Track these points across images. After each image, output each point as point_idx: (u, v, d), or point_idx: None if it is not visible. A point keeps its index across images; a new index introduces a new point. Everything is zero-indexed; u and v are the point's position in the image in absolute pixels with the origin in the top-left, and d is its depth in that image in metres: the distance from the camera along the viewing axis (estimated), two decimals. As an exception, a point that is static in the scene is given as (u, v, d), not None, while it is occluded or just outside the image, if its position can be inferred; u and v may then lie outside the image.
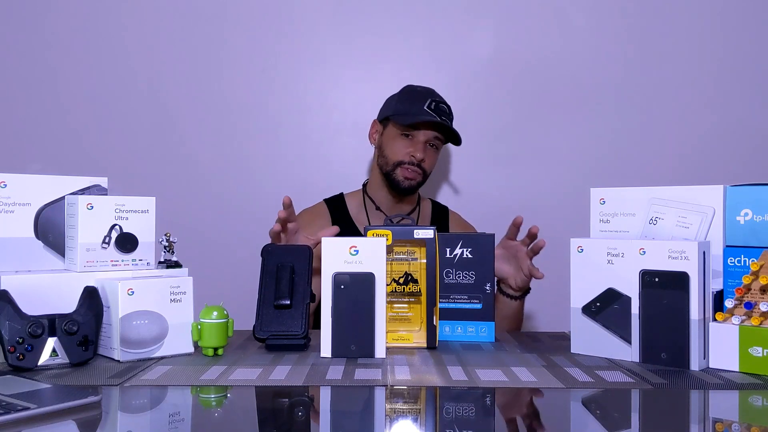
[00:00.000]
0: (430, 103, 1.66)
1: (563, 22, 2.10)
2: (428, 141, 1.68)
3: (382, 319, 1.09)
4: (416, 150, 1.66)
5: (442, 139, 1.71)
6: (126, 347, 1.05)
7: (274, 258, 1.20)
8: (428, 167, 1.70)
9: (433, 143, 1.69)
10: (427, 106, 1.65)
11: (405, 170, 1.67)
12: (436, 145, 1.71)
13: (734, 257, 1.04)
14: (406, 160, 1.67)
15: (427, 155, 1.68)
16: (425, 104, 1.65)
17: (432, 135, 1.68)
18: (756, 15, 2.09)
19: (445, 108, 1.68)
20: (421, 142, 1.67)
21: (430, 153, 1.70)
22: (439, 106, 1.67)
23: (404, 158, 1.67)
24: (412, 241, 1.20)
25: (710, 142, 2.08)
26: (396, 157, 1.68)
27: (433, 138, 1.68)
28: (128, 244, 1.15)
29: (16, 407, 0.76)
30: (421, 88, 1.72)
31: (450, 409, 0.86)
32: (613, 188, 1.18)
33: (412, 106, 1.66)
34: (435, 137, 1.68)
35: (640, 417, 0.84)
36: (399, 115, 1.67)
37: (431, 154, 1.70)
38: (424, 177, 1.71)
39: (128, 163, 2.08)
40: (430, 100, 1.66)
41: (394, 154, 1.69)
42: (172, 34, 2.10)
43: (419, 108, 1.65)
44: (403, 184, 1.68)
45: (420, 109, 1.65)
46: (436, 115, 1.64)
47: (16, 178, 1.13)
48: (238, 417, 0.85)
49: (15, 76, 2.10)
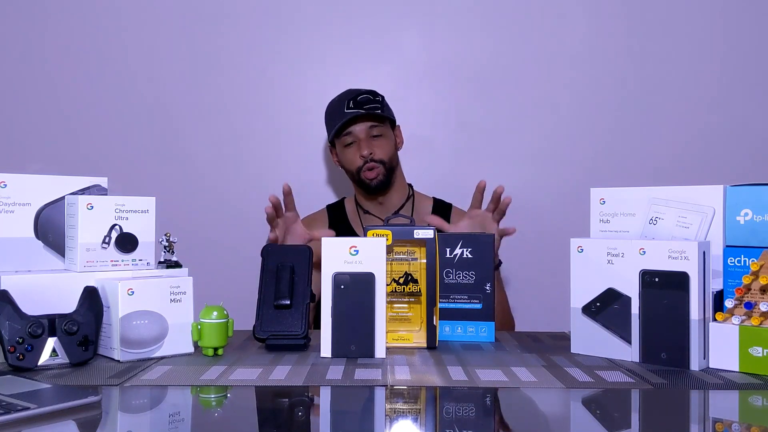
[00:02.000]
0: (347, 103, 1.69)
1: (564, 22, 2.10)
2: (367, 135, 1.70)
3: (382, 319, 1.09)
4: (361, 149, 1.69)
5: (381, 125, 1.72)
6: (126, 347, 1.05)
7: (274, 258, 1.20)
8: (383, 156, 1.71)
9: (374, 133, 1.71)
10: (347, 107, 1.69)
11: (365, 172, 1.70)
12: (378, 133, 1.71)
13: (734, 257, 1.04)
14: (359, 163, 1.70)
15: (374, 146, 1.70)
16: (344, 107, 1.69)
17: (365, 127, 1.70)
18: (756, 15, 2.09)
19: (365, 97, 1.70)
20: (362, 140, 1.70)
21: (376, 143, 1.71)
22: (358, 100, 1.69)
23: (359, 162, 1.70)
24: (412, 241, 1.19)
25: (710, 142, 2.09)
26: (353, 165, 1.72)
27: (368, 129, 1.70)
28: (128, 244, 1.15)
29: (16, 407, 0.76)
30: (338, 96, 1.75)
31: (450, 409, 0.86)
32: (613, 188, 1.18)
33: (336, 116, 1.71)
34: (370, 127, 1.70)
35: (640, 417, 0.84)
36: (330, 130, 1.73)
37: (378, 144, 1.71)
38: (387, 167, 1.72)
39: (128, 163, 2.08)
40: (347, 101, 1.70)
41: (350, 164, 1.73)
42: (172, 34, 2.10)
43: (340, 113, 1.69)
44: (371, 184, 1.71)
45: (341, 113, 1.69)
46: (357, 109, 1.67)
47: (16, 178, 1.13)
48: (238, 417, 0.85)
49: (15, 76, 2.10)
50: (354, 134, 1.70)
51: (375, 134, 1.71)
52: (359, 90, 1.73)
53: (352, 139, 1.71)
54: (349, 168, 1.74)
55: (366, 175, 1.70)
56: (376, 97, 1.72)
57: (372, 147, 1.70)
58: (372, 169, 1.70)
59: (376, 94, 1.73)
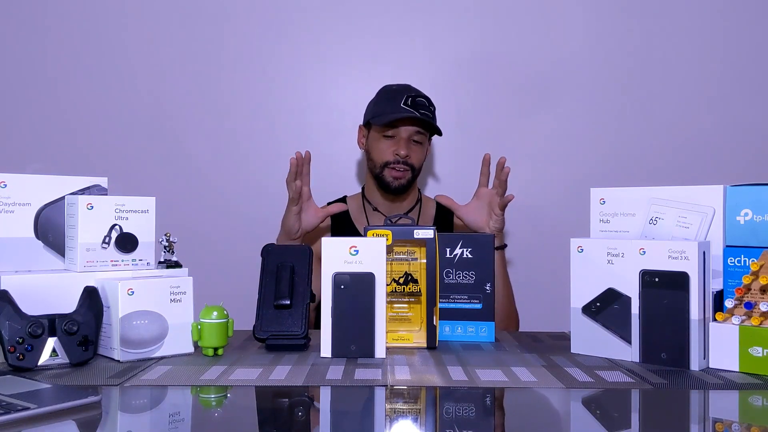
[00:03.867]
0: (406, 99, 1.66)
1: (564, 21, 2.10)
2: (410, 137, 1.68)
3: (382, 319, 1.09)
4: (399, 148, 1.67)
5: (424, 133, 1.71)
6: (126, 347, 1.05)
7: (274, 258, 1.20)
8: (415, 163, 1.70)
9: (416, 138, 1.70)
10: (404, 102, 1.66)
11: (392, 170, 1.68)
12: (420, 140, 1.71)
13: (734, 257, 1.04)
14: (392, 159, 1.68)
15: (411, 151, 1.69)
16: (401, 101, 1.66)
17: (413, 130, 1.68)
18: (756, 15, 2.09)
19: (422, 101, 1.68)
20: (404, 139, 1.68)
21: (414, 148, 1.70)
22: (416, 101, 1.67)
23: (389, 158, 1.68)
24: (412, 241, 1.19)
25: (710, 142, 2.09)
26: (382, 158, 1.70)
27: (414, 133, 1.69)
28: (128, 244, 1.15)
29: (16, 407, 0.76)
30: (396, 86, 1.73)
31: (450, 409, 0.86)
32: (613, 188, 1.18)
33: (388, 106, 1.68)
34: (416, 132, 1.69)
35: (640, 417, 0.84)
36: (377, 117, 1.68)
37: (416, 150, 1.70)
38: (413, 173, 1.71)
39: (128, 163, 2.08)
40: (405, 96, 1.67)
41: (379, 155, 1.70)
42: (172, 34, 2.10)
43: (395, 106, 1.66)
44: (393, 184, 1.69)
45: (396, 106, 1.66)
46: (413, 109, 1.65)
47: (16, 178, 1.13)
48: (238, 417, 0.85)
49: (15, 76, 2.10)
50: (399, 131, 1.68)
51: (416, 140, 1.70)
52: (418, 91, 1.71)
53: (393, 134, 1.69)
54: (377, 159, 1.71)
55: (392, 173, 1.68)
56: (431, 105, 1.70)
57: (410, 150, 1.68)
58: (400, 171, 1.68)
59: (431, 102, 1.71)
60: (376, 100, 1.73)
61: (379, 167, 1.70)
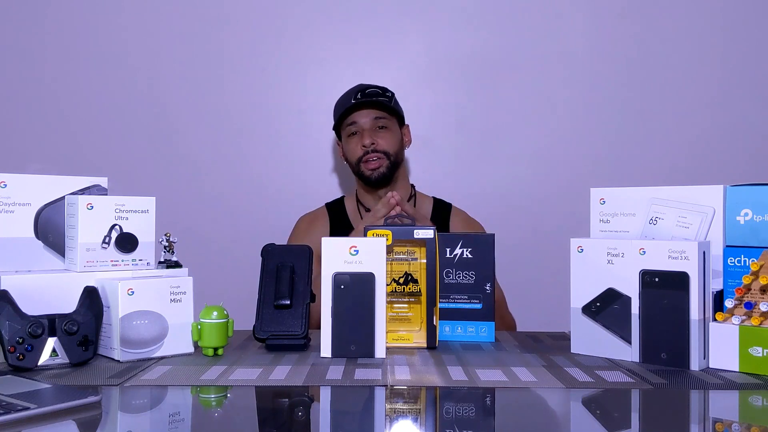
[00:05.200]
0: (356, 94, 1.68)
1: (563, 22, 2.10)
2: (373, 126, 1.68)
3: (382, 319, 1.09)
4: (363, 138, 1.68)
5: (389, 118, 1.71)
6: (126, 347, 1.05)
7: (274, 258, 1.20)
8: (388, 149, 1.69)
9: (381, 124, 1.69)
10: (355, 97, 1.67)
11: (366, 162, 1.68)
12: (385, 125, 1.70)
13: (734, 257, 1.04)
14: (361, 153, 1.68)
15: (377, 137, 1.68)
16: (352, 97, 1.68)
17: (372, 117, 1.68)
18: (756, 15, 2.09)
19: (375, 90, 1.69)
20: (366, 130, 1.68)
21: (381, 134, 1.69)
22: (367, 91, 1.67)
23: (359, 152, 1.69)
24: (412, 241, 1.19)
25: (710, 142, 2.09)
26: (354, 155, 1.70)
27: (374, 120, 1.69)
28: (128, 244, 1.15)
29: (16, 407, 0.76)
30: (349, 89, 1.74)
31: (450, 409, 0.86)
32: (613, 188, 1.18)
33: (342, 106, 1.70)
34: (376, 118, 1.69)
35: (640, 417, 0.84)
36: (335, 117, 1.72)
37: (383, 135, 1.70)
38: (391, 160, 1.70)
39: (128, 163, 2.08)
40: (357, 92, 1.68)
41: (351, 154, 1.72)
42: (172, 34, 2.10)
43: (348, 102, 1.68)
44: (372, 175, 1.69)
45: (348, 102, 1.68)
46: (362, 98, 1.66)
47: (16, 178, 1.13)
48: (238, 417, 0.85)
49: (15, 76, 2.10)
50: (359, 124, 1.68)
51: (381, 125, 1.69)
52: (370, 84, 1.72)
53: (356, 129, 1.69)
54: (351, 159, 1.72)
55: (367, 165, 1.68)
56: (386, 92, 1.70)
57: (375, 138, 1.68)
58: (373, 160, 1.67)
59: (387, 90, 1.71)
60: (334, 110, 1.76)
61: (355, 164, 1.71)
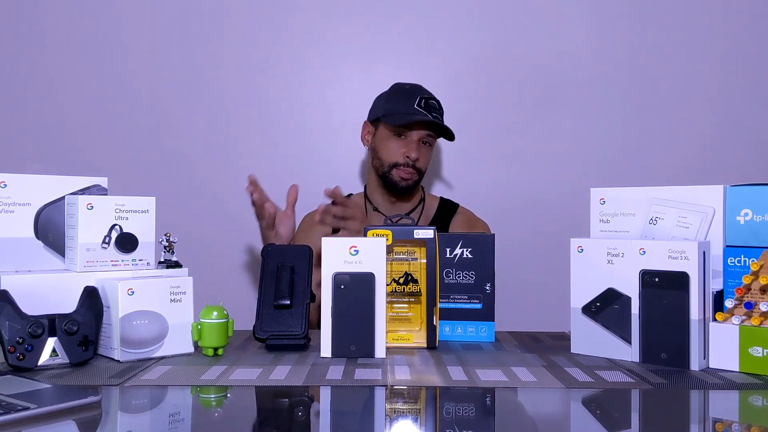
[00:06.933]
0: (419, 100, 1.64)
1: (564, 21, 2.10)
2: (421, 139, 1.67)
3: (382, 319, 1.09)
4: (410, 150, 1.66)
5: (434, 137, 1.71)
6: (126, 347, 1.05)
7: (274, 258, 1.20)
8: (423, 166, 1.70)
9: (426, 141, 1.69)
10: (417, 104, 1.64)
11: (400, 171, 1.67)
12: (429, 142, 1.70)
13: (734, 257, 1.04)
14: (401, 161, 1.66)
15: (421, 154, 1.67)
16: (415, 102, 1.64)
17: (424, 133, 1.67)
18: (756, 15, 2.09)
19: (434, 104, 1.67)
20: (415, 142, 1.66)
21: (423, 151, 1.69)
22: (429, 103, 1.65)
23: (399, 159, 1.67)
24: (412, 241, 1.19)
25: (710, 142, 2.09)
26: (391, 158, 1.68)
27: (425, 136, 1.68)
28: (128, 244, 1.15)
29: (16, 407, 0.76)
30: (409, 86, 1.71)
31: (450, 409, 0.86)
32: (613, 188, 1.18)
33: (401, 106, 1.65)
34: (427, 135, 1.68)
35: (640, 417, 0.84)
36: (390, 116, 1.66)
37: (425, 152, 1.69)
38: (420, 176, 1.70)
39: (128, 163, 2.08)
40: (419, 98, 1.65)
41: (388, 155, 1.68)
42: (171, 34, 2.10)
43: (409, 106, 1.64)
44: (400, 184, 1.68)
45: (410, 107, 1.64)
46: (426, 112, 1.64)
47: (16, 178, 1.13)
48: (238, 417, 0.85)
49: (15, 76, 2.10)
50: (411, 134, 1.66)
51: (426, 142, 1.69)
52: (429, 92, 1.70)
53: (405, 135, 1.67)
54: (385, 158, 1.69)
55: (400, 174, 1.67)
56: (441, 108, 1.70)
57: (420, 153, 1.67)
58: (408, 173, 1.67)
59: (441, 104, 1.70)
60: (388, 97, 1.70)
61: (387, 167, 1.68)
